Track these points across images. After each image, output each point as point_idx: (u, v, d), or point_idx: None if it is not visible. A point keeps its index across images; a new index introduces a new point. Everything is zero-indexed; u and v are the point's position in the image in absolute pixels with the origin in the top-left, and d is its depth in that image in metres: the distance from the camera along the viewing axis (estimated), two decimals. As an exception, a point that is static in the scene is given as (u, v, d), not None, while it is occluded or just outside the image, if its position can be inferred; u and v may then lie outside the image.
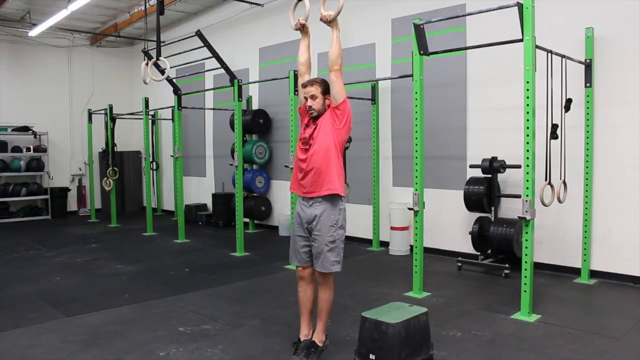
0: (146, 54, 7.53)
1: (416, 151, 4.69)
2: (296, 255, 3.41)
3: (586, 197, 5.14)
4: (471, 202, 5.65)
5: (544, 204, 4.43)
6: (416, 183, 4.67)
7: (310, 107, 3.27)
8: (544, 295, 4.64)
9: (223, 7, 9.31)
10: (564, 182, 4.85)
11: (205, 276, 5.62)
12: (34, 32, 9.61)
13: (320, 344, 3.36)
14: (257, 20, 8.72)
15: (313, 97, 3.26)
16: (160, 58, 5.78)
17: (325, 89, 3.28)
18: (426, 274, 4.98)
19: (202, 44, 6.69)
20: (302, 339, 3.40)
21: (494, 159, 5.54)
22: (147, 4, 7.52)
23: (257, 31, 8.77)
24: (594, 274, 5.19)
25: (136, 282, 5.43)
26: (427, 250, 5.53)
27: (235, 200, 6.88)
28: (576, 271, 5.26)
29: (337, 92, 3.24)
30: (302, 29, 3.41)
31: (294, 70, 6.04)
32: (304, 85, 3.31)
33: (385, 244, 6.82)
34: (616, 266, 5.10)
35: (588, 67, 5.07)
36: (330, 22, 3.29)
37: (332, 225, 3.25)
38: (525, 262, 4.06)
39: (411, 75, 4.75)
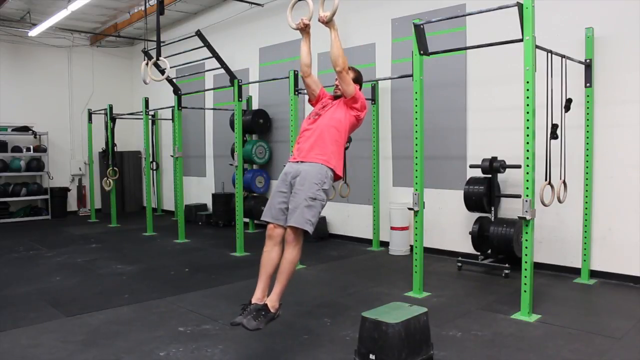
0: (146, 54, 7.52)
1: (416, 151, 4.69)
2: (271, 210, 3.25)
3: (586, 197, 5.14)
4: (471, 202, 5.65)
5: (544, 204, 4.42)
6: (416, 183, 4.67)
7: (337, 85, 3.46)
8: (544, 295, 4.64)
9: (223, 7, 9.32)
10: (564, 182, 4.85)
11: (205, 276, 5.62)
12: (34, 32, 9.62)
13: (272, 310, 3.07)
14: (257, 20, 8.72)
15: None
16: (160, 58, 5.77)
17: (355, 78, 3.53)
18: (426, 274, 4.98)
19: (202, 44, 6.68)
20: (253, 302, 3.11)
21: (494, 159, 5.54)
22: (147, 4, 7.51)
23: (257, 31, 8.77)
24: (594, 274, 5.19)
25: (136, 282, 5.43)
26: (427, 250, 5.53)
27: (235, 200, 6.88)
28: (576, 271, 5.26)
29: (345, 90, 3.39)
30: (305, 28, 3.42)
31: (294, 70, 6.05)
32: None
33: (385, 244, 6.82)
34: (616, 266, 5.10)
35: (588, 67, 5.07)
36: (327, 22, 3.30)
37: (316, 183, 3.18)
38: (525, 262, 4.06)
39: (411, 75, 4.76)
